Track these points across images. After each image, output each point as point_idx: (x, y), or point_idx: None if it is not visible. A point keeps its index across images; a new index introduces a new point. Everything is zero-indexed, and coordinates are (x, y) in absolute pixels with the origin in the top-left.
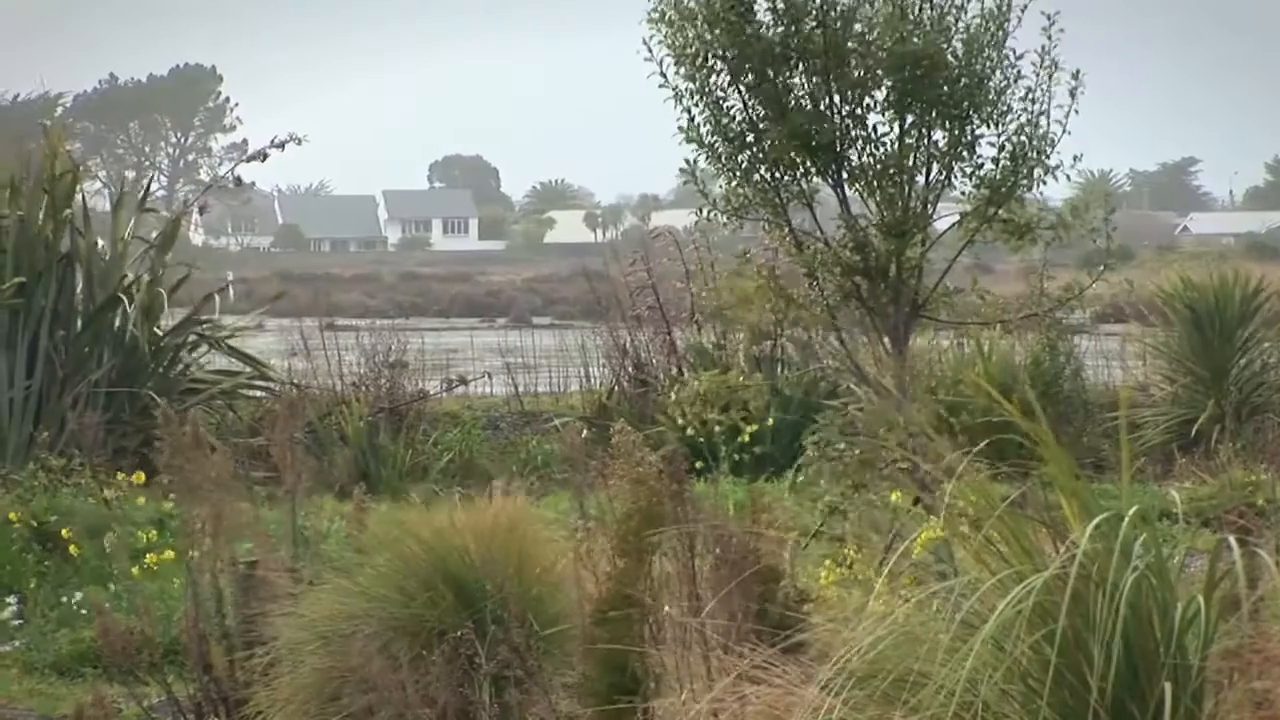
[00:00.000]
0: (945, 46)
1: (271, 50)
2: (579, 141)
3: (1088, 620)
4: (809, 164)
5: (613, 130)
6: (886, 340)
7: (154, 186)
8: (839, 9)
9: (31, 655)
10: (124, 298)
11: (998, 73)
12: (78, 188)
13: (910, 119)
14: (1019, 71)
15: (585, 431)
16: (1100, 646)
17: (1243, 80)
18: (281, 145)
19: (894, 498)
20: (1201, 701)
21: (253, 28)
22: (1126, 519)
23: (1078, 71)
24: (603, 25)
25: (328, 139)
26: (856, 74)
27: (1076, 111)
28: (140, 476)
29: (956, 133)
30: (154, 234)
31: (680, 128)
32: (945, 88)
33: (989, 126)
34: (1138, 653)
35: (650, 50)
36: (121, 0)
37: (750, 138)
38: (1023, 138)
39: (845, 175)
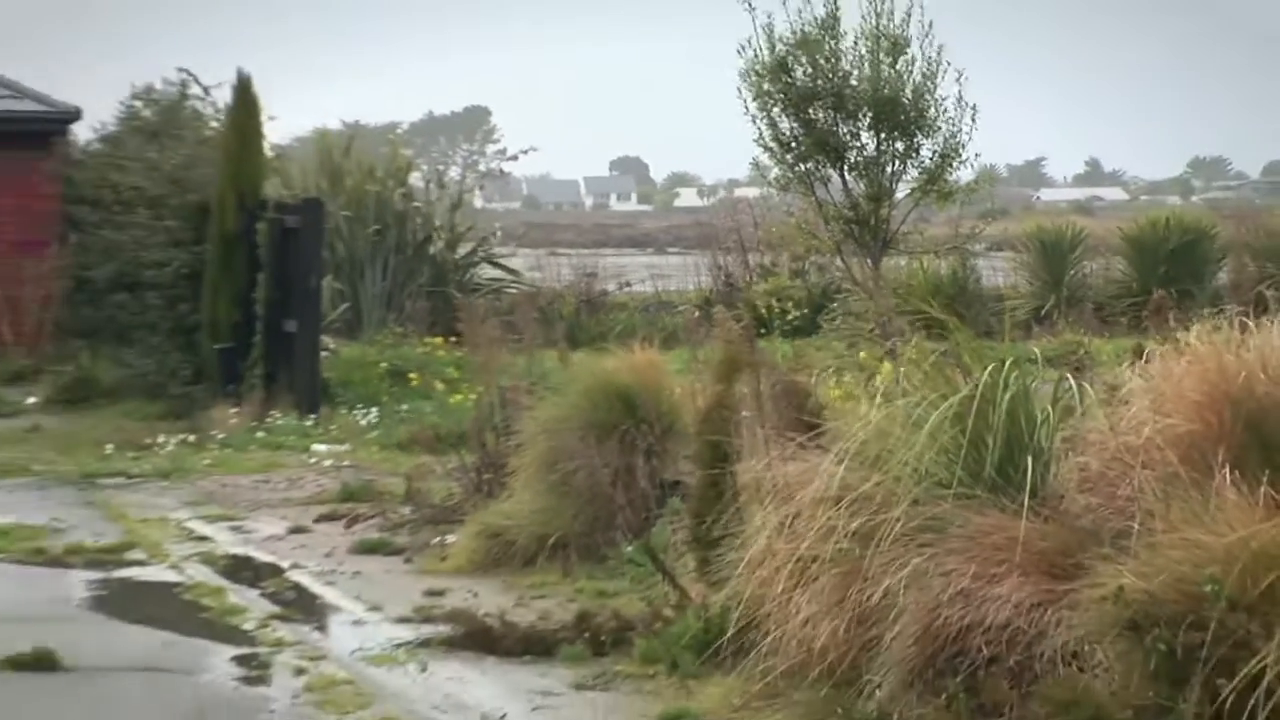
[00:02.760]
0: (901, 93)
1: (528, 96)
2: (693, 141)
3: (985, 421)
4: (825, 160)
5: (713, 136)
6: (869, 261)
7: (452, 175)
8: (840, 73)
9: (383, 440)
10: (435, 236)
11: (931, 109)
12: (409, 175)
13: (882, 135)
14: (945, 108)
15: (697, 313)
16: (991, 436)
17: (1074, 97)
18: (525, 152)
19: (863, 355)
20: (1049, 468)
21: (518, 76)
22: (1007, 363)
23: (975, 106)
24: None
25: (553, 143)
26: (851, 108)
27: (976, 132)
28: (442, 336)
29: (908, 143)
30: (454, 200)
31: (754, 140)
32: (901, 117)
33: (927, 137)
34: (1013, 440)
35: (740, 93)
36: (438, 60)
37: (793, 144)
38: (947, 146)
39: (846, 167)
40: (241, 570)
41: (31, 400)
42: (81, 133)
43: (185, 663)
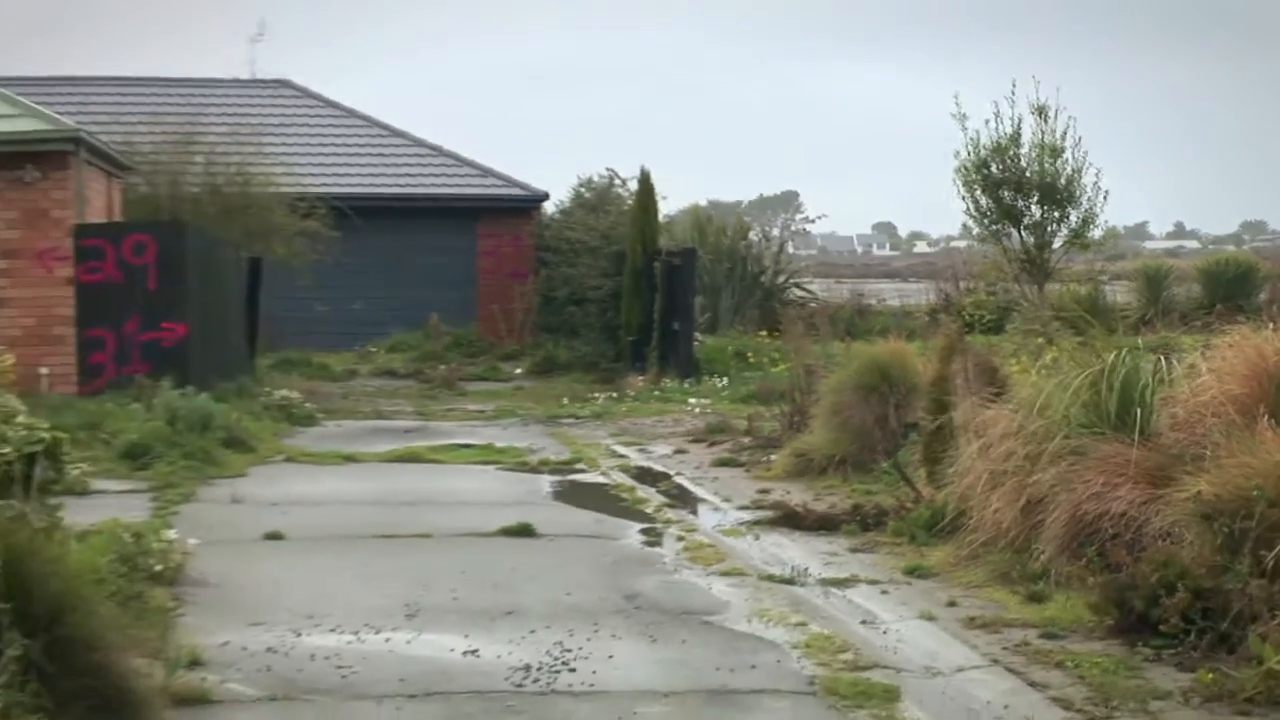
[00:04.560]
0: (1059, 180)
1: (833, 181)
2: (925, 206)
3: (1108, 384)
4: (1009, 223)
5: (938, 203)
6: (1035, 286)
7: (774, 233)
8: (1019, 169)
9: (732, 396)
10: (764, 270)
11: (1077, 190)
12: (748, 233)
13: (1045, 208)
14: (1086, 191)
15: (927, 318)
16: (1113, 394)
17: (1169, 177)
18: (819, 218)
19: (1039, 340)
20: (1151, 415)
21: (816, 169)
22: (1125, 349)
23: (1107, 192)
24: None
25: (838, 211)
26: (1026, 191)
27: (1106, 206)
28: (767, 332)
29: (1061, 213)
30: (776, 248)
31: (963, 211)
32: (1057, 194)
33: (1074, 209)
34: (1127, 397)
35: (954, 181)
36: (764, 152)
37: (988, 214)
38: (1086, 215)
39: (1021, 227)
40: (644, 476)
41: (517, 371)
42: (547, 207)
43: (611, 532)
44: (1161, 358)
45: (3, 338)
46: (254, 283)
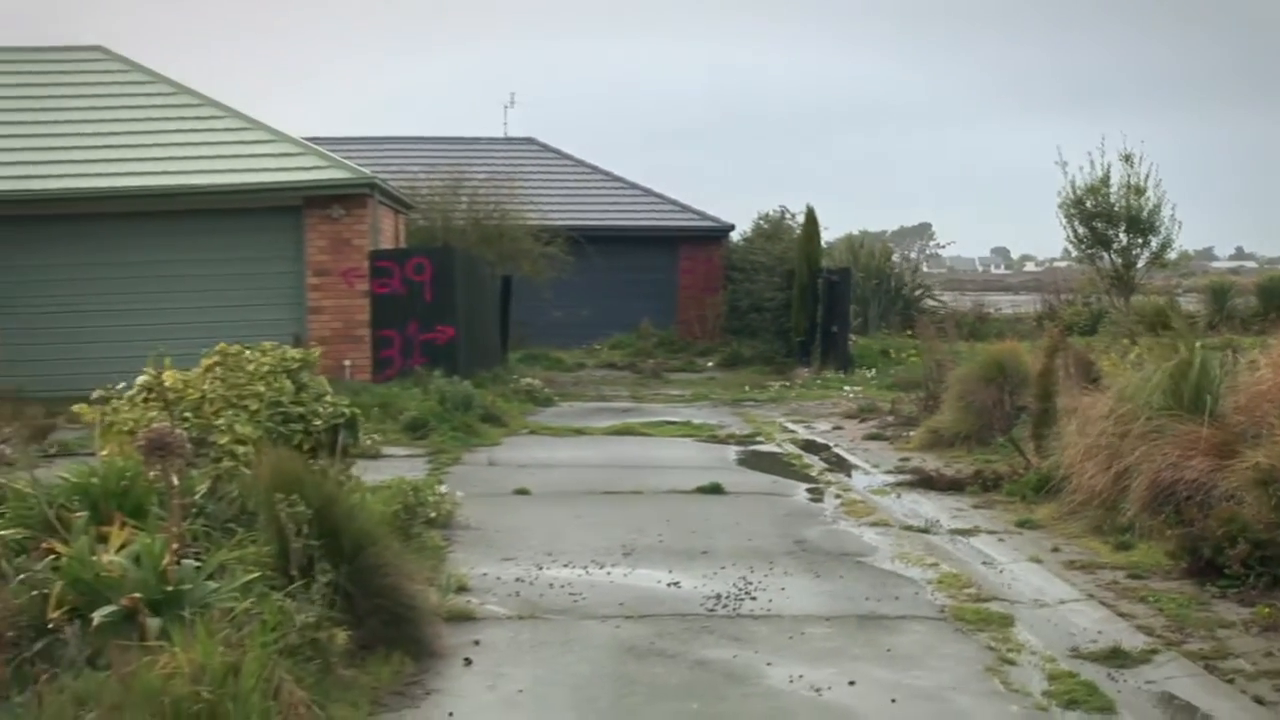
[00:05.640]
0: (1142, 213)
1: (959, 212)
2: (1035, 234)
3: (1185, 376)
4: (1101, 247)
5: (1040, 228)
6: (1123, 298)
7: (911, 255)
8: (1109, 204)
9: (879, 384)
10: (904, 285)
11: (1156, 220)
12: (891, 255)
13: (1130, 235)
14: (1164, 222)
15: (1035, 323)
16: (1187, 384)
17: (1234, 210)
18: (949, 244)
19: (1125, 341)
20: (1219, 400)
21: (946, 203)
22: (1199, 345)
23: (1181, 222)
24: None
25: (963, 238)
26: (1115, 222)
27: (1181, 234)
28: (907, 334)
29: (1144, 240)
30: (913, 268)
31: (1064, 238)
32: (1140, 225)
33: (1154, 236)
34: (1200, 386)
35: (1057, 214)
36: (900, 184)
37: (1084, 240)
38: (1163, 240)
39: (1111, 251)
40: (809, 446)
41: (709, 365)
42: (733, 235)
43: (783, 491)
44: (1226, 355)
45: (316, 337)
46: (506, 294)
